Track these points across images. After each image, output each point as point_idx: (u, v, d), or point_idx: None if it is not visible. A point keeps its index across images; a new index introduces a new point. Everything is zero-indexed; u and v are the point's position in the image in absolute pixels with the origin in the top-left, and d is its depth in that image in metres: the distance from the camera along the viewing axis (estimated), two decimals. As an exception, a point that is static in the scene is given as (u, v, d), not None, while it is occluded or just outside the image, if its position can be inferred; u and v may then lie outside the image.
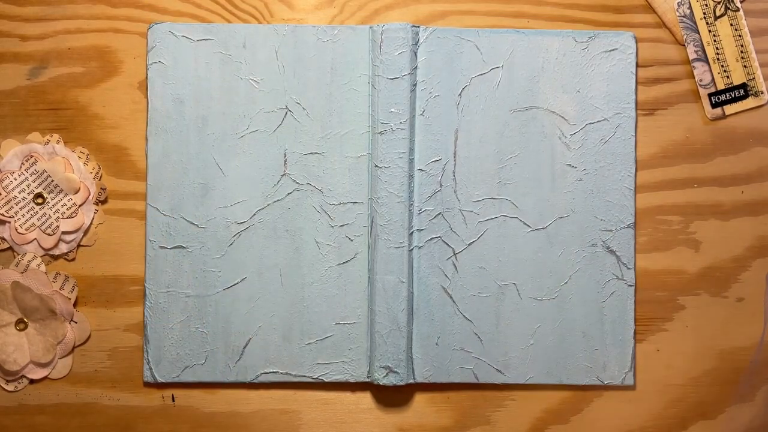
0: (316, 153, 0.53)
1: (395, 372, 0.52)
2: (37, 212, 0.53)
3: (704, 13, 0.54)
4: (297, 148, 0.53)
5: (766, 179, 0.54)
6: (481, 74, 0.53)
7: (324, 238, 0.53)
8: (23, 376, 0.53)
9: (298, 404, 0.54)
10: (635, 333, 0.53)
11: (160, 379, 0.53)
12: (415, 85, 0.53)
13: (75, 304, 0.53)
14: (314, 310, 0.53)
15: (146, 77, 0.53)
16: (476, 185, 0.53)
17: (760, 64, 0.54)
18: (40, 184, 0.53)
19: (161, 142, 0.53)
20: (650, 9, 0.55)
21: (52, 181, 0.53)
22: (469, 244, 0.53)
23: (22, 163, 0.53)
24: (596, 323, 0.53)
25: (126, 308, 0.53)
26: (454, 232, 0.53)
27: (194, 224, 0.53)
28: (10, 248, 0.53)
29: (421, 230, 0.53)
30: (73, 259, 0.54)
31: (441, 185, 0.53)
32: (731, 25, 0.54)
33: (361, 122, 0.53)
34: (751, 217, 0.54)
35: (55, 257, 0.53)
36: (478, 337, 0.53)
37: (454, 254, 0.53)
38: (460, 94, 0.53)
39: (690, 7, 0.54)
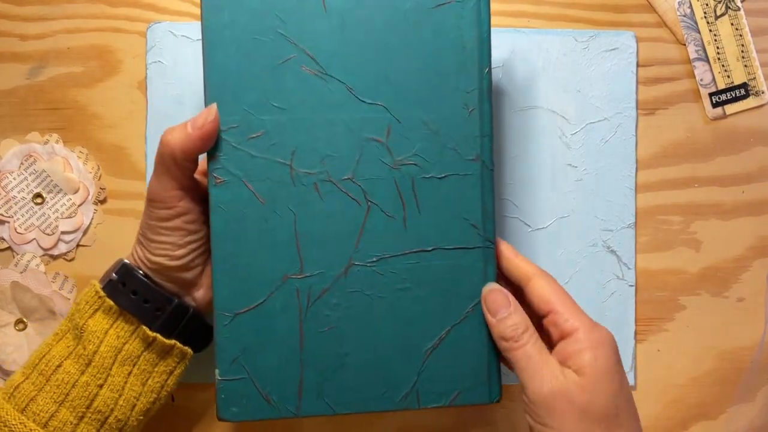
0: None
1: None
2: (36, 212, 0.53)
3: (705, 13, 0.54)
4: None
5: (766, 179, 0.54)
6: (482, 74, 0.54)
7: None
8: (22, 377, 0.53)
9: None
10: (636, 333, 0.53)
11: (159, 380, 0.53)
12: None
13: (74, 305, 0.53)
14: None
15: (146, 77, 0.53)
16: (476, 185, 0.53)
17: (761, 64, 0.54)
18: (39, 184, 0.53)
19: (161, 142, 0.53)
20: (651, 8, 0.54)
21: (52, 180, 0.53)
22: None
23: (21, 163, 0.53)
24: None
25: (125, 308, 0.53)
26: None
27: (194, 224, 0.53)
28: (10, 248, 0.53)
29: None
30: (73, 259, 0.54)
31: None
32: (732, 24, 0.54)
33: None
34: (752, 217, 0.54)
35: (55, 257, 0.53)
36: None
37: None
38: (460, 94, 0.54)
39: (690, 7, 0.54)
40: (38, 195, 0.53)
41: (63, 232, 0.53)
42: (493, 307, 0.41)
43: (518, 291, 0.42)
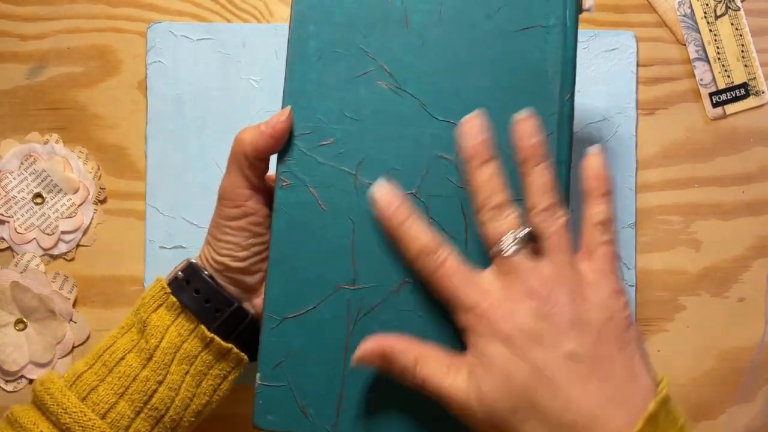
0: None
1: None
2: (36, 212, 0.53)
3: (705, 13, 0.54)
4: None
5: (766, 179, 0.54)
6: (482, 74, 0.54)
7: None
8: (22, 377, 0.53)
9: None
10: (636, 333, 0.53)
11: (159, 380, 0.53)
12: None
13: (74, 304, 0.53)
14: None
15: (146, 77, 0.53)
16: (476, 185, 0.53)
17: (761, 64, 0.54)
18: (39, 184, 0.53)
19: (161, 142, 0.53)
20: (651, 8, 0.54)
21: (52, 180, 0.53)
22: (470, 244, 0.53)
23: (22, 163, 0.53)
24: (597, 323, 0.53)
25: (125, 308, 0.53)
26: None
27: (194, 224, 0.53)
28: (10, 248, 0.53)
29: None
30: (73, 259, 0.54)
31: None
32: (732, 24, 0.54)
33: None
34: (752, 217, 0.54)
35: (55, 257, 0.53)
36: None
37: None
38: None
39: (690, 7, 0.54)
40: (38, 195, 0.53)
41: (63, 232, 0.53)
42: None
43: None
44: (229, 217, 0.42)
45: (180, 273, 0.43)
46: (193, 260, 0.43)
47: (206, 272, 0.43)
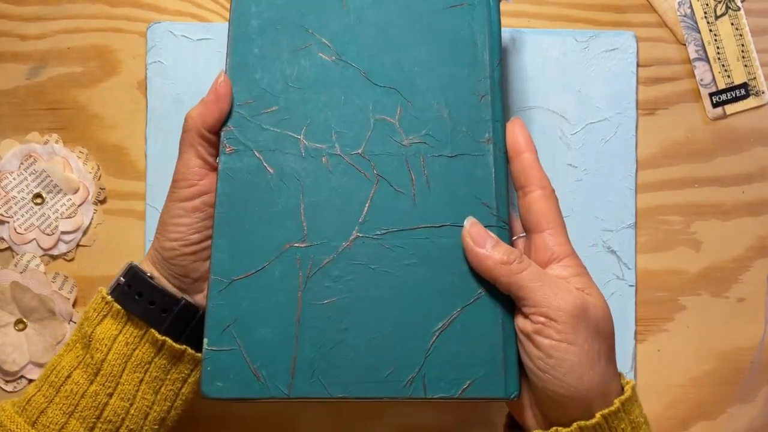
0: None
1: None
2: (36, 212, 0.53)
3: (705, 13, 0.54)
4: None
5: (766, 179, 0.54)
6: (482, 74, 0.54)
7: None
8: (22, 377, 0.53)
9: (296, 404, 0.53)
10: (636, 333, 0.53)
11: (159, 380, 0.53)
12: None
13: (74, 305, 0.53)
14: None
15: (145, 77, 0.53)
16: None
17: (761, 64, 0.54)
18: (39, 184, 0.53)
19: (161, 142, 0.53)
20: (651, 8, 0.54)
21: (51, 181, 0.53)
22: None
23: (21, 163, 0.53)
24: (597, 323, 0.53)
25: (125, 308, 0.53)
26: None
27: (194, 224, 0.53)
28: (9, 248, 0.53)
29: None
30: (72, 259, 0.54)
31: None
32: (732, 24, 0.54)
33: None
34: (752, 217, 0.54)
35: (54, 257, 0.53)
36: (479, 338, 0.53)
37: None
38: (460, 94, 0.54)
39: (691, 7, 0.54)
40: (38, 195, 0.53)
41: (63, 232, 0.53)
42: (479, 239, 0.39)
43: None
44: (183, 198, 0.41)
45: (122, 278, 0.42)
46: (134, 263, 0.42)
47: (148, 273, 0.41)
